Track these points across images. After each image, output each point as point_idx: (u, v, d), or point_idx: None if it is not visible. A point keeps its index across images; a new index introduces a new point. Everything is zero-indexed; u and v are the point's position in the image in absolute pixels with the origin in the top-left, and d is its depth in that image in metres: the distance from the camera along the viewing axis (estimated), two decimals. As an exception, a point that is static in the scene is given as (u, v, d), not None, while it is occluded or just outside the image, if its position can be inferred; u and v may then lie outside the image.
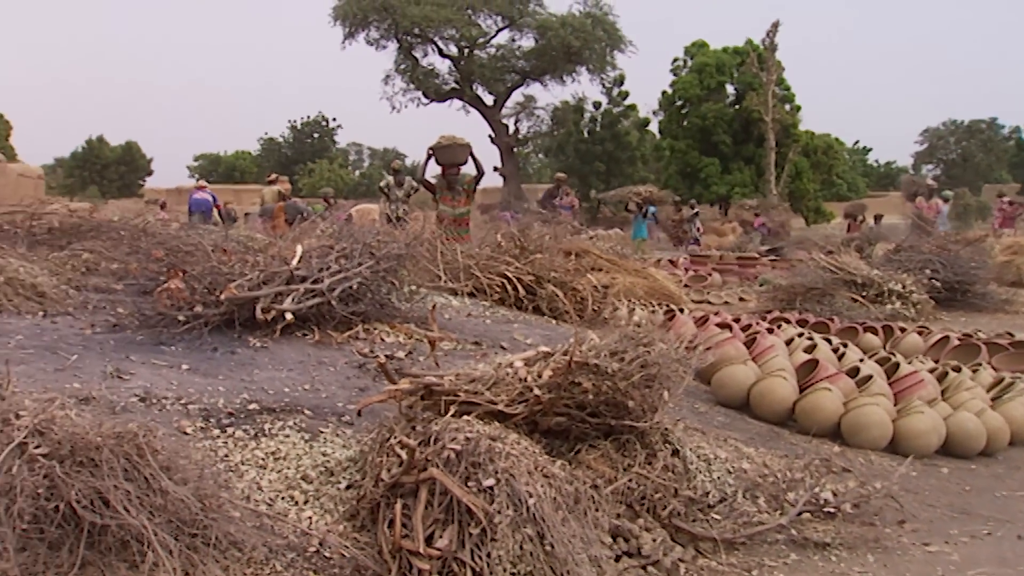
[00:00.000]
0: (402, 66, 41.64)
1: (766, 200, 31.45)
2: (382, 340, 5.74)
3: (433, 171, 10.89)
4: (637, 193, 24.49)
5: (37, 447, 2.86)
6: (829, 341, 7.34)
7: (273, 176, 20.85)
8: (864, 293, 11.42)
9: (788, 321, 8.97)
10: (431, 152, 10.50)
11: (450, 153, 10.39)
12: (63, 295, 6.11)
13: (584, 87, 75.74)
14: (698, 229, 25.83)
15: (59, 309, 5.87)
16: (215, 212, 18.25)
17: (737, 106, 37.83)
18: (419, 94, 42.13)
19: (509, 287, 7.82)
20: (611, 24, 40.74)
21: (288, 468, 3.67)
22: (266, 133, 68.16)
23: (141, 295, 6.36)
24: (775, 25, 34.89)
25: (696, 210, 26.49)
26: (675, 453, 4.12)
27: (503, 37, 42.10)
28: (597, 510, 3.23)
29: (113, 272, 7.00)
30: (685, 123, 38.76)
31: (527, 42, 41.85)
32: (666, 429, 4.21)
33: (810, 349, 7.04)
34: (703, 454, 4.62)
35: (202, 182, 20.15)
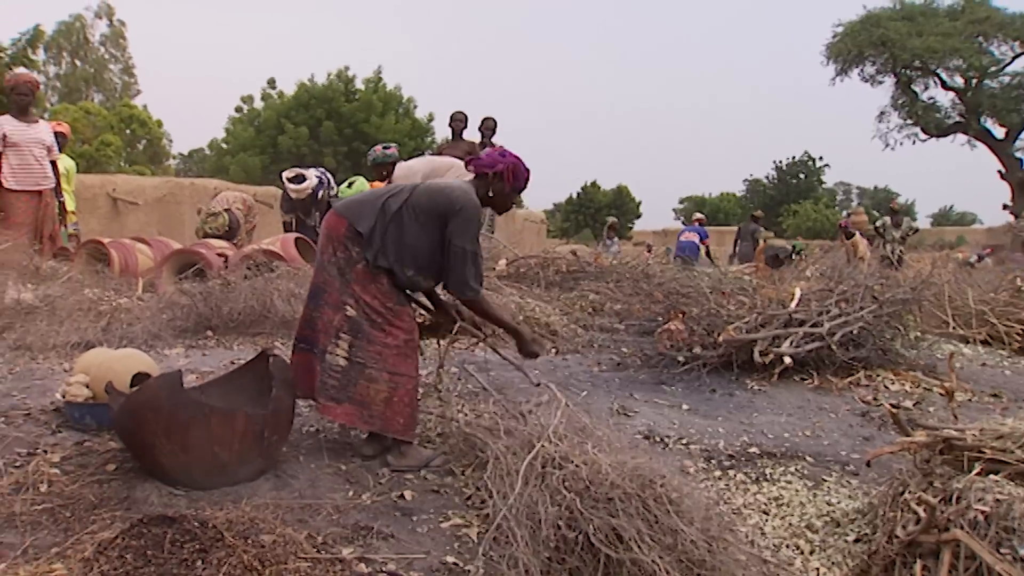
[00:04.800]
0: (899, 101, 39.44)
1: None
2: (886, 388, 5.44)
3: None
4: None
5: (559, 479, 3.06)
6: None
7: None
8: None
9: None
10: None
11: None
12: (572, 334, 6.57)
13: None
14: None
15: (569, 347, 6.31)
16: (702, 251, 17.80)
17: None
18: (917, 130, 39.61)
19: (1033, 335, 7.03)
20: None
21: (792, 515, 3.58)
22: (751, 175, 68.61)
23: (642, 335, 6.64)
24: None
25: None
26: None
27: (1019, 64, 38.21)
28: None
29: (616, 313, 7.40)
30: None
31: (1051, 67, 37.47)
32: None
33: None
34: None
35: (699, 215, 19.90)
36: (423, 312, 4.15)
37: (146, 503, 3.10)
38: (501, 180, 3.93)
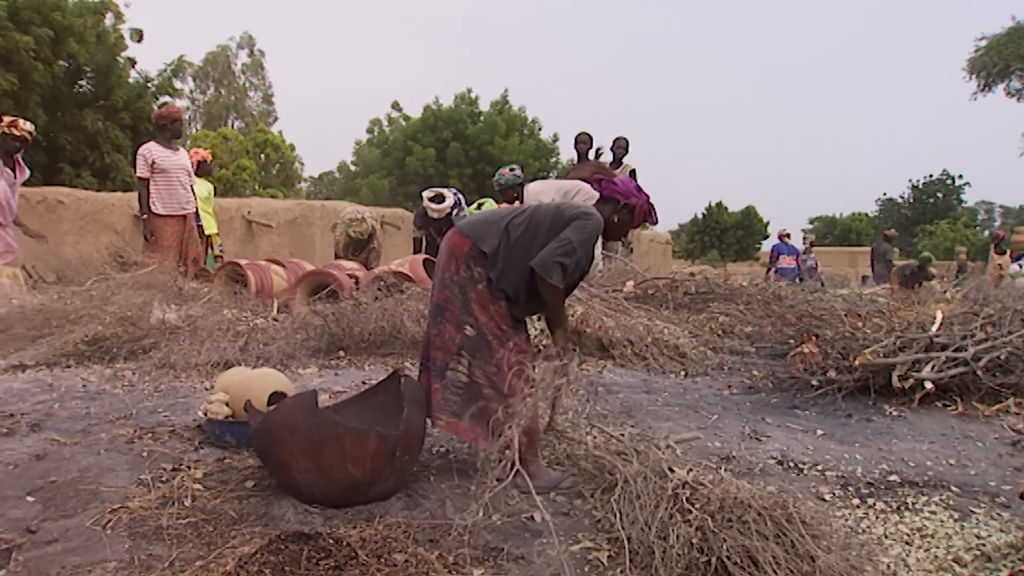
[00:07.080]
0: (1050, 116, 37.53)
1: None
2: (1038, 416, 5.17)
3: None
4: None
5: (689, 500, 3.01)
6: None
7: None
8: None
9: None
10: None
11: None
12: (702, 356, 6.46)
13: None
14: None
15: (698, 369, 6.21)
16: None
17: None
18: (1068, 146, 37.69)
19: None
20: None
21: (937, 547, 3.41)
22: (884, 194, 66.97)
23: (774, 358, 6.49)
24: None
25: None
26: None
27: None
28: None
29: (747, 335, 7.26)
30: None
31: None
32: None
33: None
34: None
35: (783, 229, 18.74)
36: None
37: (283, 520, 3.17)
38: (630, 213, 3.96)
